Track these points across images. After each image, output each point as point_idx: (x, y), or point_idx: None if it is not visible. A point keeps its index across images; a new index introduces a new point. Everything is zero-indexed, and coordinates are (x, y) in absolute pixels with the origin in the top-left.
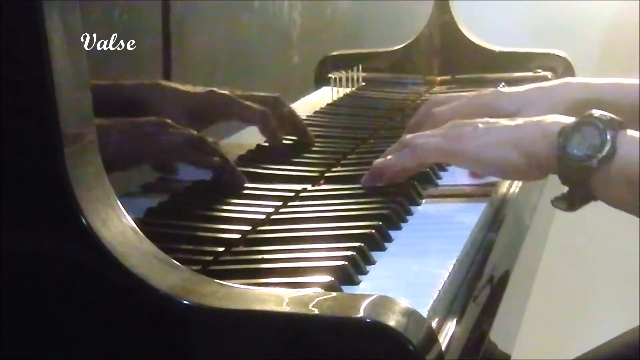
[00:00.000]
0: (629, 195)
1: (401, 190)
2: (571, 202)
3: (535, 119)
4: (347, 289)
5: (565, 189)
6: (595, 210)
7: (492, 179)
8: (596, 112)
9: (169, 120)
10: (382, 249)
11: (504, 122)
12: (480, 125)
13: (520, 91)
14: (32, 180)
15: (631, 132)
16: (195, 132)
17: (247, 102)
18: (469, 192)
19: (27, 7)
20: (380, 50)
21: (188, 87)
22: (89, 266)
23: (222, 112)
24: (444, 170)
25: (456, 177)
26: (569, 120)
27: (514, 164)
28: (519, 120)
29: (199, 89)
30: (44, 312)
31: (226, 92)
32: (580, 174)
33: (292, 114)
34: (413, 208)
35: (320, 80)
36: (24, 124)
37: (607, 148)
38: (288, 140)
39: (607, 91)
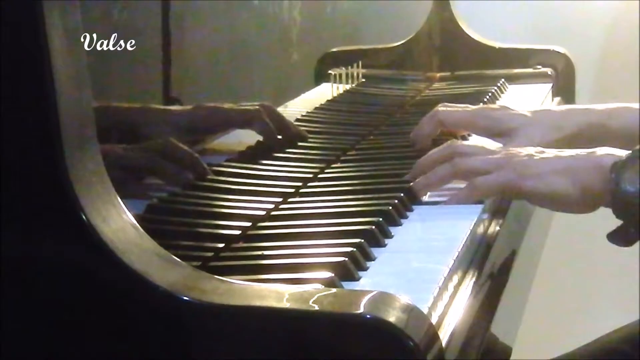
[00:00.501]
0: None
1: (401, 186)
2: (626, 236)
3: (586, 150)
4: (347, 285)
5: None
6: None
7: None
8: None
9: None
10: (382, 245)
11: (556, 152)
12: (534, 152)
13: (527, 110)
14: (33, 177)
15: None
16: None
17: (236, 107)
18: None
19: (27, 7)
20: (380, 46)
21: (174, 108)
22: (89, 263)
23: (214, 123)
24: None
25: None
26: (620, 152)
27: (568, 194)
28: (571, 152)
29: (186, 107)
30: (43, 309)
31: (212, 104)
32: (634, 208)
33: (280, 118)
34: (413, 204)
35: (320, 77)
36: (24, 122)
37: None
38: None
39: (611, 116)
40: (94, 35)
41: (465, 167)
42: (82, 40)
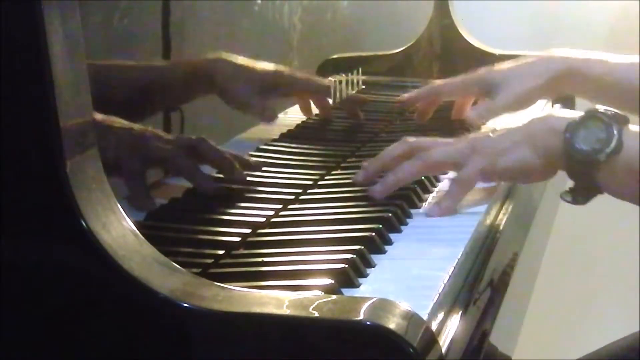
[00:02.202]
0: (635, 187)
1: (401, 193)
2: (578, 195)
3: (539, 116)
4: (347, 292)
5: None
6: (596, 213)
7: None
8: (600, 107)
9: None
10: (382, 251)
11: (512, 126)
12: (488, 134)
13: (507, 67)
14: (32, 183)
15: (634, 127)
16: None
17: (313, 78)
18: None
19: (27, 9)
20: (380, 53)
21: (252, 63)
22: (89, 269)
23: (288, 89)
24: (445, 172)
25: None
26: (574, 114)
27: (534, 163)
28: (524, 120)
29: (266, 66)
30: (43, 315)
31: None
32: (587, 168)
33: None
34: (413, 211)
35: None
36: (24, 127)
37: (614, 141)
38: (289, 144)
39: (590, 65)
40: (95, 37)
41: (434, 160)
42: (82, 42)
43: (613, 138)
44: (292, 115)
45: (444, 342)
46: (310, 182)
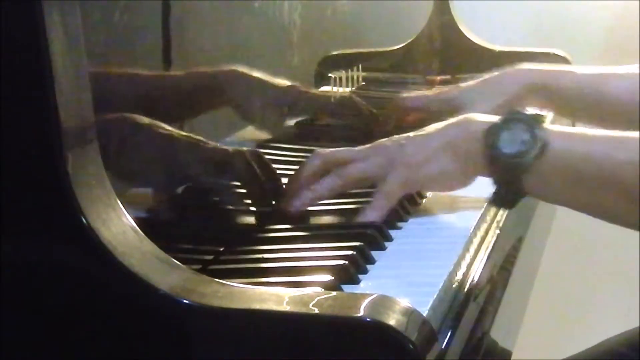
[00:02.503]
0: (563, 189)
1: None
2: (505, 200)
3: (454, 120)
4: (348, 288)
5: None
6: None
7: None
8: (519, 109)
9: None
10: (383, 248)
11: (430, 128)
12: (403, 142)
13: (473, 84)
14: (32, 180)
15: (556, 127)
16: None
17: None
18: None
19: (27, 7)
20: (380, 50)
21: (269, 78)
22: (89, 266)
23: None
24: None
25: None
26: (491, 118)
27: (454, 170)
28: (439, 125)
29: (281, 82)
30: (44, 312)
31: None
32: (513, 171)
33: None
34: (413, 208)
35: (321, 80)
36: (24, 124)
37: (539, 143)
38: (290, 142)
39: (556, 78)
40: (94, 36)
41: (353, 176)
42: (82, 40)
43: (538, 139)
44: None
45: (443, 338)
46: None
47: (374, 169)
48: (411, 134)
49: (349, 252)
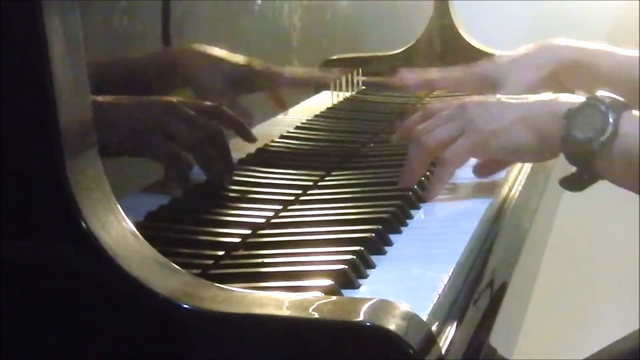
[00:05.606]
0: (632, 175)
1: (401, 194)
2: (578, 182)
3: (545, 97)
4: (347, 293)
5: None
6: (596, 212)
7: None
8: (601, 94)
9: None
10: (382, 252)
11: (514, 100)
12: (491, 101)
13: (509, 58)
14: (32, 184)
15: (635, 113)
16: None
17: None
18: (470, 191)
19: (27, 9)
20: (380, 54)
21: (224, 54)
22: (89, 270)
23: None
24: None
25: (458, 174)
26: (578, 100)
27: (528, 144)
28: (530, 98)
29: (238, 59)
30: (43, 316)
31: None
32: (583, 155)
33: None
34: (413, 211)
35: (320, 84)
36: (23, 127)
37: (609, 130)
38: (289, 144)
39: (595, 57)
40: (94, 37)
41: (433, 144)
42: (82, 42)
43: (608, 126)
44: (292, 116)
45: (443, 343)
46: (310, 183)
47: (453, 133)
48: (502, 98)
49: (349, 257)
